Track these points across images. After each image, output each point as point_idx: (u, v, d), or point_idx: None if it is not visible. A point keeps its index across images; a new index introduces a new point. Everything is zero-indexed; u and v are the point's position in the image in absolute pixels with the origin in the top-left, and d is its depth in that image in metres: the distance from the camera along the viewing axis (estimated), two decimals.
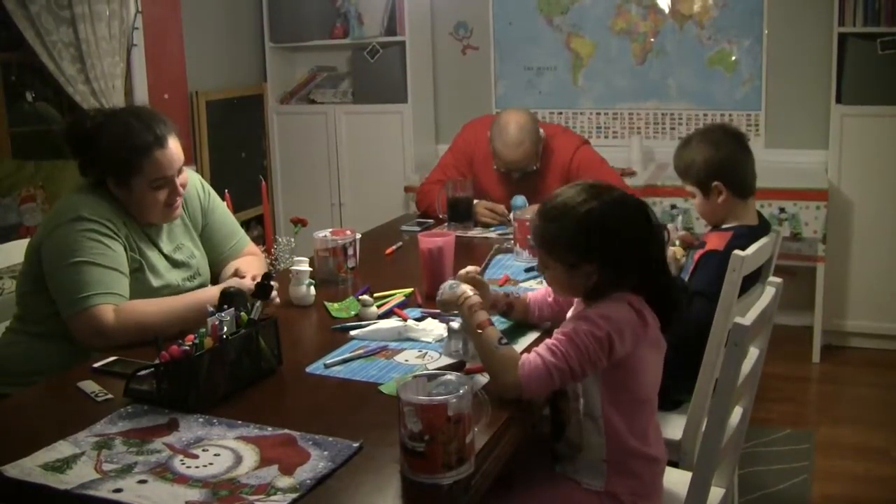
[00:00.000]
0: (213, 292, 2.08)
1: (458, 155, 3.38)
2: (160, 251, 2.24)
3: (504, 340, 1.65)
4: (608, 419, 1.67)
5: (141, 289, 2.13)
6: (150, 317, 2.03)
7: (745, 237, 2.19)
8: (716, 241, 2.28)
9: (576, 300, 1.81)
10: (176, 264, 2.26)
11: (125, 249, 2.12)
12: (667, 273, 1.74)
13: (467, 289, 1.78)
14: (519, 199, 2.99)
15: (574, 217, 1.65)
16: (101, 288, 2.02)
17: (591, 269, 1.65)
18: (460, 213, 3.08)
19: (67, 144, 2.19)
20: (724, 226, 2.34)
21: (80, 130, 2.15)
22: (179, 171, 2.18)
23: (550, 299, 1.99)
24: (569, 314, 1.80)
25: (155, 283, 2.17)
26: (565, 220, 1.66)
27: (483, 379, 1.68)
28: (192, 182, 2.34)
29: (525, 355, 1.61)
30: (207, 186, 2.42)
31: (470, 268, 1.90)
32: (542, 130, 3.19)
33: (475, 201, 3.14)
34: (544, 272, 1.76)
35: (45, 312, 2.10)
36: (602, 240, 1.64)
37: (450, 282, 1.83)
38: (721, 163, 2.29)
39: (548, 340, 1.63)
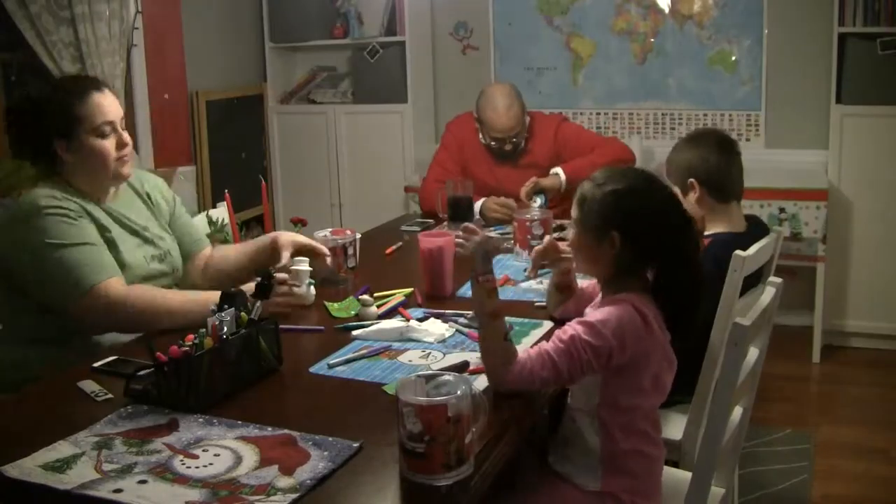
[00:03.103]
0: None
1: (451, 149, 3.44)
2: (124, 227, 2.18)
3: (510, 336, 1.65)
4: (603, 419, 1.67)
5: None
6: (161, 299, 2.01)
7: (725, 245, 2.12)
8: None
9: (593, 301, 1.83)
10: (145, 241, 2.22)
11: (94, 226, 2.08)
12: (691, 271, 1.69)
13: (492, 269, 1.68)
14: (539, 199, 2.99)
15: (608, 187, 1.71)
16: (96, 266, 1.99)
17: (614, 239, 1.67)
18: (460, 212, 3.08)
19: (12, 127, 2.15)
20: (705, 233, 2.30)
21: (19, 108, 2.15)
22: (122, 126, 2.16)
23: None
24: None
25: (122, 260, 2.11)
26: (602, 187, 1.72)
27: (484, 380, 1.67)
28: (156, 185, 2.34)
29: (522, 356, 1.60)
30: (171, 191, 2.44)
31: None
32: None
33: (483, 199, 3.13)
34: (573, 245, 1.79)
35: (29, 320, 2.06)
36: (627, 208, 1.69)
37: (483, 248, 1.68)
38: (695, 162, 2.32)
39: (549, 345, 1.61)
